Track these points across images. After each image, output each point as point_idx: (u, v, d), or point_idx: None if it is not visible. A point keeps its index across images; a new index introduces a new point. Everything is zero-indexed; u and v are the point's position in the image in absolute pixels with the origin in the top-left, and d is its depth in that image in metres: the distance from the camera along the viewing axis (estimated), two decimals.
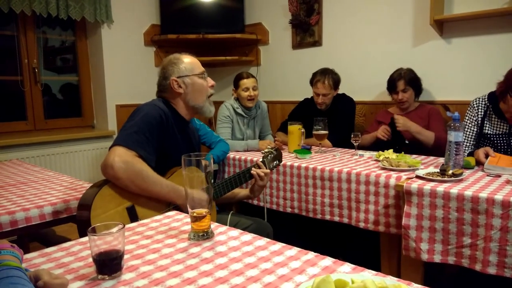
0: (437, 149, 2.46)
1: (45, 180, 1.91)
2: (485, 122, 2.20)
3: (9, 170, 2.19)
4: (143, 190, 1.49)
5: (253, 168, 1.82)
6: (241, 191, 1.98)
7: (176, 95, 1.72)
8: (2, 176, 2.01)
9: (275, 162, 1.93)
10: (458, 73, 2.80)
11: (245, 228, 1.87)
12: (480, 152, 2.00)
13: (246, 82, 2.86)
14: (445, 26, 2.81)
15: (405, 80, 2.68)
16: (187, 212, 1.15)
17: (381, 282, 0.76)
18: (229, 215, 1.91)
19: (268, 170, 1.84)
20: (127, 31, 3.64)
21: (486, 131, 2.19)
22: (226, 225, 1.80)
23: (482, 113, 2.21)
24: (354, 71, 3.26)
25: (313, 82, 2.89)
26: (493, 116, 2.18)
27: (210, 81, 1.79)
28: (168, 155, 1.63)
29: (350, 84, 3.14)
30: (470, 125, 2.24)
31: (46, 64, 3.44)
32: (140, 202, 1.51)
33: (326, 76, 2.81)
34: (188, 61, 1.73)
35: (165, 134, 1.61)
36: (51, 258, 1.00)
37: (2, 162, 2.51)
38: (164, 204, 1.58)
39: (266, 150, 1.91)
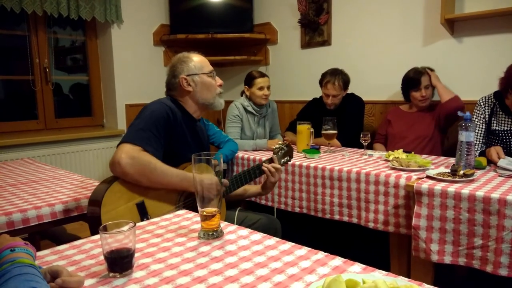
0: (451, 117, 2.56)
1: (56, 179, 1.93)
2: (493, 119, 2.20)
3: (20, 168, 2.21)
4: (153, 182, 1.49)
5: (264, 164, 1.82)
6: (252, 188, 1.96)
7: (185, 94, 1.72)
8: (14, 175, 2.04)
9: (286, 158, 1.92)
10: (469, 73, 2.77)
11: (253, 224, 1.87)
12: (493, 152, 1.98)
13: (261, 81, 2.87)
14: (456, 25, 2.78)
15: (429, 76, 2.67)
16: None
17: (393, 283, 0.75)
18: (237, 212, 1.91)
19: (279, 166, 1.83)
20: (137, 31, 3.66)
21: (494, 127, 2.19)
22: (234, 221, 1.81)
23: (489, 110, 2.22)
24: (363, 71, 3.24)
25: (322, 83, 2.88)
26: (500, 112, 2.19)
27: (219, 80, 1.79)
28: (178, 153, 1.63)
29: (359, 84, 3.12)
30: (478, 123, 2.24)
31: (56, 64, 3.48)
32: (150, 198, 1.52)
33: (337, 77, 2.80)
34: (197, 60, 1.74)
35: (173, 132, 1.62)
36: (63, 255, 1.01)
37: (14, 160, 2.54)
38: (174, 198, 1.58)
39: (277, 146, 1.90)
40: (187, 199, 1.63)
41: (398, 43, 3.07)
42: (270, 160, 1.83)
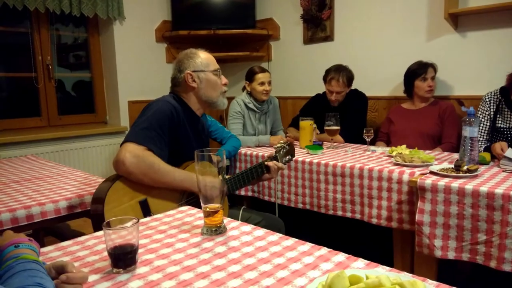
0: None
1: (60, 175, 1.94)
2: (498, 116, 2.18)
3: (24, 165, 2.22)
4: (157, 182, 1.50)
5: (267, 161, 1.81)
6: None
7: (189, 90, 1.72)
8: (18, 171, 2.05)
9: (287, 156, 1.92)
10: (473, 68, 2.75)
11: (256, 224, 1.86)
12: (497, 146, 1.98)
13: (261, 77, 2.87)
14: (460, 20, 2.76)
15: (434, 69, 2.67)
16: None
17: (396, 278, 0.75)
18: (241, 211, 1.91)
19: (282, 165, 1.83)
20: (139, 27, 3.65)
21: (499, 124, 2.17)
22: (238, 220, 1.81)
23: (494, 107, 2.19)
24: (366, 66, 3.23)
25: (326, 79, 2.87)
26: (506, 109, 2.16)
27: (224, 79, 1.79)
28: (179, 150, 1.64)
29: (362, 79, 3.11)
30: (483, 119, 2.22)
31: (59, 61, 3.48)
32: (153, 196, 1.52)
33: (341, 74, 2.79)
34: (204, 57, 1.74)
35: (176, 130, 1.62)
36: (67, 251, 1.02)
37: (18, 157, 2.55)
38: (177, 196, 1.59)
39: (279, 144, 1.90)
40: (190, 197, 1.63)
41: (401, 38, 3.05)
42: (273, 158, 1.82)
